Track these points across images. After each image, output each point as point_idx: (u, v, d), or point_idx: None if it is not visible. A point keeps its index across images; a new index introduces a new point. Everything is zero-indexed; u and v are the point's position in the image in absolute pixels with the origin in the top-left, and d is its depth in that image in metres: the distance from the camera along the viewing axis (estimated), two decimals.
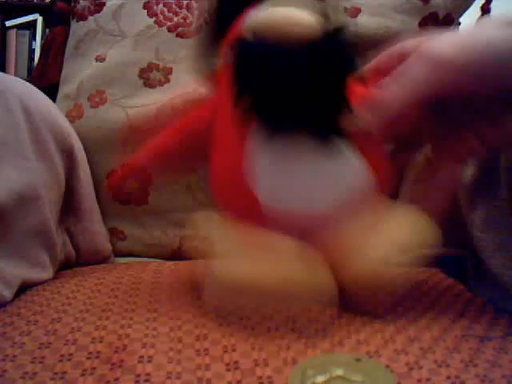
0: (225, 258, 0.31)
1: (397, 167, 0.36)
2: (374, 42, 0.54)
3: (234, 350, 0.26)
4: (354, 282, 0.30)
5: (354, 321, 0.30)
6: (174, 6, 0.59)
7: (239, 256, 0.30)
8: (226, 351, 0.26)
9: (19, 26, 1.63)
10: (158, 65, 0.57)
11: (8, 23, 1.63)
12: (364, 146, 0.32)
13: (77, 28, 0.62)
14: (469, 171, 0.38)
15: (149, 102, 0.55)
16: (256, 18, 0.32)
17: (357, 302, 0.31)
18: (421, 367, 0.24)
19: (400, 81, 0.28)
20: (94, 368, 0.25)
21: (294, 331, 0.29)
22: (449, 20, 0.55)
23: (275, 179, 0.32)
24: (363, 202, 0.32)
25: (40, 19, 1.62)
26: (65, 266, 0.47)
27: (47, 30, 1.60)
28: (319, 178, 0.31)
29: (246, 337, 0.28)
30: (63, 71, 0.62)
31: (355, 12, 0.55)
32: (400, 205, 0.34)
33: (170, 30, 0.58)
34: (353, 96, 0.32)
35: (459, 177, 0.39)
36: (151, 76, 0.56)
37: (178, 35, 0.58)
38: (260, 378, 0.23)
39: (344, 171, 0.32)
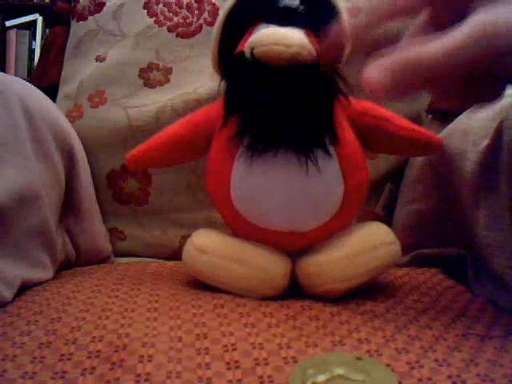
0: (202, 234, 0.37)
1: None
2: (374, 42, 0.54)
3: (234, 349, 0.26)
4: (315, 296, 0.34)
5: (354, 319, 0.30)
6: (173, 6, 0.59)
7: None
8: (226, 350, 0.26)
9: (19, 26, 1.63)
10: (158, 65, 0.57)
11: (8, 23, 1.63)
12: (347, 160, 0.34)
13: (77, 28, 0.62)
14: (470, 170, 0.38)
15: (149, 101, 0.55)
16: (251, 38, 0.33)
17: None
18: (422, 366, 0.24)
19: (443, 46, 0.25)
20: (94, 367, 0.25)
21: (295, 328, 0.29)
22: None
23: (257, 199, 0.34)
24: (336, 221, 0.35)
25: (40, 19, 1.63)
26: (65, 266, 0.47)
27: (47, 30, 1.60)
28: (299, 199, 0.33)
29: (247, 335, 0.28)
30: (63, 71, 0.62)
31: (355, 12, 0.55)
32: (364, 222, 0.37)
33: (170, 30, 0.58)
34: None
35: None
36: (151, 76, 0.56)
37: (178, 35, 0.58)
38: (261, 377, 0.23)
39: (323, 191, 0.34)
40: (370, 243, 0.35)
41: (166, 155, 0.39)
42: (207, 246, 0.36)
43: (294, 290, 0.35)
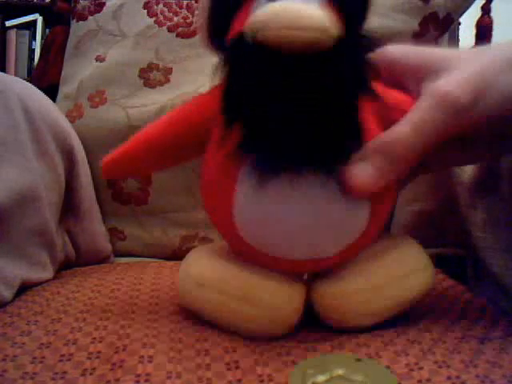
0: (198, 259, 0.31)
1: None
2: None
3: (234, 351, 0.26)
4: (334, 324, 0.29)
5: None
6: (174, 6, 0.59)
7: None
8: (226, 351, 0.26)
9: (19, 26, 1.63)
10: (158, 65, 0.57)
11: (8, 23, 1.63)
12: None
13: (77, 28, 0.62)
14: (468, 171, 0.38)
15: (149, 102, 0.55)
16: (254, 16, 0.24)
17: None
18: (421, 368, 0.24)
19: (412, 125, 0.26)
20: (94, 368, 0.25)
21: (295, 337, 0.28)
22: (449, 20, 0.55)
23: (268, 226, 0.26)
24: (361, 242, 0.28)
25: (40, 19, 1.63)
26: (65, 266, 0.47)
27: (47, 30, 1.60)
28: (320, 224, 0.26)
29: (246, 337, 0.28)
30: (63, 71, 0.62)
31: None
32: (393, 237, 0.32)
33: (170, 30, 0.58)
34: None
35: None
36: (151, 76, 0.56)
37: (178, 35, 0.58)
38: (260, 376, 0.23)
39: (348, 212, 0.26)
40: (399, 271, 0.29)
41: (152, 158, 0.31)
42: (207, 278, 0.29)
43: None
